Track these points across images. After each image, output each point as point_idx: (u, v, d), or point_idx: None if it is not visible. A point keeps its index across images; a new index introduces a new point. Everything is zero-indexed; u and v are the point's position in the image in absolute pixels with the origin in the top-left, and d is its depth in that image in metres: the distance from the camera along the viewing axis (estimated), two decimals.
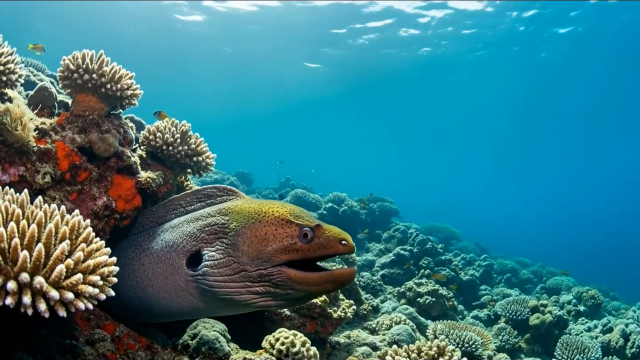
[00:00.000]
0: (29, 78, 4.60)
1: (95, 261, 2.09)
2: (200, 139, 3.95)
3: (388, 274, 9.63)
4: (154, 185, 3.57)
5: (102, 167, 3.34)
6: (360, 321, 6.06)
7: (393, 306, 7.58)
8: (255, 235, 2.66)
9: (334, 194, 13.57)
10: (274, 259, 2.57)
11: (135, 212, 3.54)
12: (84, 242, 2.15)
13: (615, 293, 14.48)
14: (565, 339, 7.03)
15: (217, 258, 2.76)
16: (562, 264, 20.05)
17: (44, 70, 6.15)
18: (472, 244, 17.69)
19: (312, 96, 46.98)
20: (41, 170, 2.92)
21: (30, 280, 1.81)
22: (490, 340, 6.44)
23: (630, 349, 7.16)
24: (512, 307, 7.97)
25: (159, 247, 3.18)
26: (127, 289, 3.31)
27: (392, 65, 33.58)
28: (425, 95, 42.16)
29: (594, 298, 9.83)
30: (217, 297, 2.80)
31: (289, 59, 34.57)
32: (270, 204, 2.81)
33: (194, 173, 4.15)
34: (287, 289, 2.60)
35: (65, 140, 3.10)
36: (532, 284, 13.23)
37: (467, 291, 10.39)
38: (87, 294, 1.98)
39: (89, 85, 3.13)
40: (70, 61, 3.09)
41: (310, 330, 4.68)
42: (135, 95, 3.43)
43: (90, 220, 3.21)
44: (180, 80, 42.92)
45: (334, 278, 2.58)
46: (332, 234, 2.59)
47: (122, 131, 3.53)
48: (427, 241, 10.73)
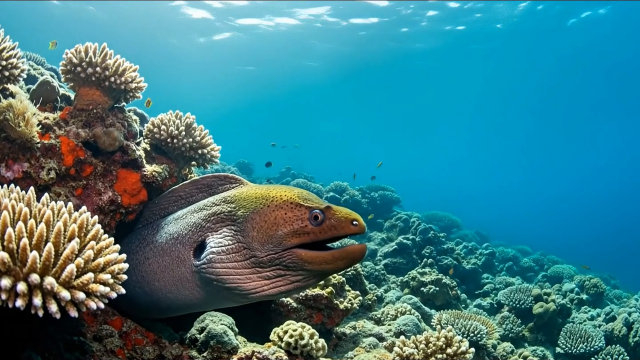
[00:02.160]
0: (29, 72, 4.53)
1: (106, 259, 2.06)
2: (205, 131, 3.91)
3: (391, 263, 9.63)
4: (160, 179, 3.53)
5: (107, 161, 3.29)
6: (365, 311, 6.05)
7: (397, 296, 7.57)
8: (265, 220, 2.64)
9: (335, 183, 13.57)
10: (285, 242, 2.56)
11: (140, 206, 3.51)
12: (93, 239, 2.12)
13: (616, 281, 14.53)
14: (568, 327, 7.04)
15: (225, 245, 2.73)
16: (562, 251, 20.12)
17: (43, 63, 6.07)
18: (472, 232, 17.71)
19: (310, 85, 46.82)
20: (45, 166, 2.88)
21: (40, 281, 1.77)
22: (495, 329, 6.44)
23: (633, 338, 7.16)
24: (515, 295, 7.96)
25: (163, 240, 3.14)
26: (132, 284, 3.27)
27: (392, 50, 33.38)
28: (425, 82, 41.97)
29: (597, 286, 9.85)
30: (224, 286, 2.76)
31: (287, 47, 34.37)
32: (278, 189, 2.80)
33: (198, 165, 4.11)
34: (298, 269, 2.59)
35: (69, 135, 3.05)
36: (534, 272, 13.25)
37: (469, 280, 10.40)
38: (99, 293, 1.95)
39: (93, 79, 3.08)
40: (73, 54, 3.04)
41: (317, 321, 4.67)
42: (140, 88, 3.38)
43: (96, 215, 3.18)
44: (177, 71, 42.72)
45: (347, 254, 2.57)
46: (343, 214, 2.59)
47: (127, 124, 3.48)
48: (429, 230, 10.73)
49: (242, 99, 56.98)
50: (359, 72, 40.46)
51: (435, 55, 33.64)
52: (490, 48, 31.38)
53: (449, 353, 3.74)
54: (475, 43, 30.64)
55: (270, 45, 33.56)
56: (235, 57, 37.13)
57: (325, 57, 35.72)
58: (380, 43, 31.86)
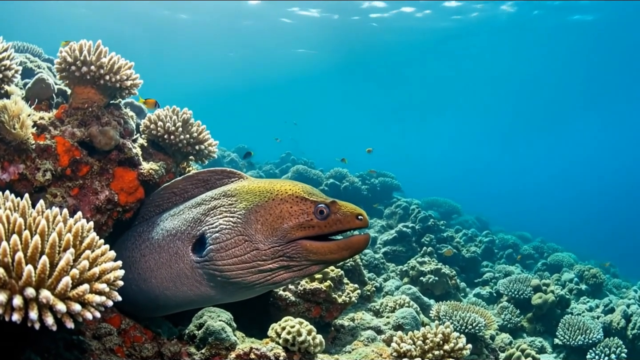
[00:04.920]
0: (25, 65, 4.48)
1: (101, 268, 2.05)
2: (202, 127, 3.87)
3: (390, 252, 9.65)
4: (157, 176, 3.51)
5: (103, 160, 3.27)
6: (364, 302, 6.08)
7: (396, 285, 7.60)
8: (269, 214, 2.65)
9: (335, 170, 13.53)
10: (289, 235, 2.59)
11: (138, 204, 3.50)
12: (88, 248, 2.11)
13: (615, 269, 14.56)
14: (567, 319, 7.05)
15: (226, 239, 2.73)
16: (562, 237, 20.16)
17: (40, 54, 6.01)
18: (473, 217, 17.70)
19: (310, 69, 46.53)
20: (41, 168, 2.86)
21: (36, 295, 1.77)
22: (493, 321, 6.47)
23: (631, 330, 7.18)
24: (514, 285, 7.99)
25: (160, 236, 3.13)
26: (129, 281, 3.25)
27: (391, 33, 33.10)
28: (424, 67, 41.67)
29: (596, 277, 9.87)
30: (227, 280, 2.77)
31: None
32: (281, 183, 2.81)
33: (196, 161, 4.09)
34: (302, 260, 2.63)
35: (64, 135, 3.02)
36: (534, 260, 13.30)
37: (469, 268, 10.44)
38: (95, 303, 1.95)
39: (87, 78, 3.05)
40: (68, 53, 3.00)
41: (315, 315, 4.69)
42: (135, 85, 3.34)
43: (93, 215, 3.17)
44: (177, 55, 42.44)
45: (351, 244, 2.62)
46: (349, 209, 2.64)
47: (123, 122, 3.45)
48: (429, 218, 10.74)
49: (242, 83, 56.64)
50: (359, 56, 40.12)
51: (435, 40, 33.37)
52: (489, 36, 31.17)
53: (446, 349, 3.77)
54: (475, 34, 30.45)
55: (273, 32, 33.34)
56: (236, 41, 36.82)
57: (325, 42, 35.38)
58: (379, 29, 31.65)
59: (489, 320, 6.19)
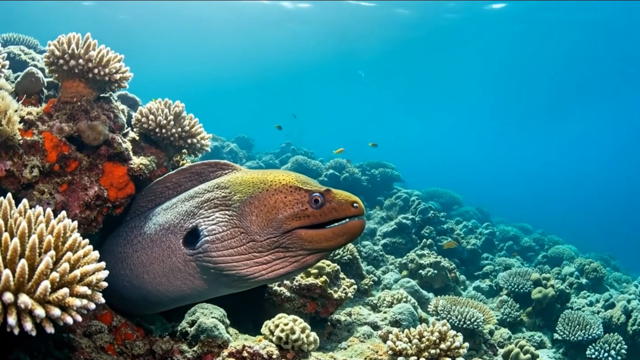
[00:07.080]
0: (19, 57, 4.41)
1: (82, 270, 2.00)
2: (194, 120, 3.80)
3: (390, 243, 9.60)
4: (147, 171, 3.44)
5: (93, 155, 3.21)
6: (362, 296, 6.04)
7: (395, 278, 7.55)
8: (264, 204, 2.62)
9: (335, 161, 13.44)
10: (285, 226, 2.56)
11: (128, 199, 3.44)
12: (70, 249, 2.06)
13: (616, 262, 14.51)
14: (567, 314, 6.99)
15: (221, 231, 2.69)
16: (563, 229, 20.10)
17: (36, 46, 5.90)
18: (473, 208, 17.64)
19: (310, 59, 46.31)
20: (29, 164, 2.80)
21: (14, 300, 1.72)
22: (492, 317, 6.43)
23: (631, 326, 7.12)
24: (514, 279, 7.93)
25: (152, 231, 3.08)
26: (121, 278, 3.21)
27: (392, 23, 32.85)
28: (426, 56, 41.38)
29: (596, 271, 9.80)
30: (221, 271, 2.73)
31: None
32: (275, 173, 2.77)
33: (189, 154, 4.03)
34: (297, 249, 2.60)
35: (52, 131, 2.96)
36: (534, 252, 13.25)
37: (469, 261, 10.39)
38: (75, 307, 1.91)
39: (76, 71, 2.98)
40: (56, 46, 2.93)
41: (311, 310, 4.65)
42: (125, 78, 3.27)
43: (82, 211, 3.12)
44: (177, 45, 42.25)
45: (347, 230, 2.59)
46: (343, 197, 2.61)
47: (113, 116, 3.38)
48: (429, 210, 10.67)
49: (243, 73, 56.41)
50: (359, 47, 39.85)
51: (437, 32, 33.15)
52: (490, 27, 30.93)
53: (442, 348, 3.72)
54: (476, 24, 30.23)
55: (273, 23, 33.12)
56: (236, 31, 36.61)
57: (326, 33, 35.15)
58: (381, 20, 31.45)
59: (487, 316, 6.15)
